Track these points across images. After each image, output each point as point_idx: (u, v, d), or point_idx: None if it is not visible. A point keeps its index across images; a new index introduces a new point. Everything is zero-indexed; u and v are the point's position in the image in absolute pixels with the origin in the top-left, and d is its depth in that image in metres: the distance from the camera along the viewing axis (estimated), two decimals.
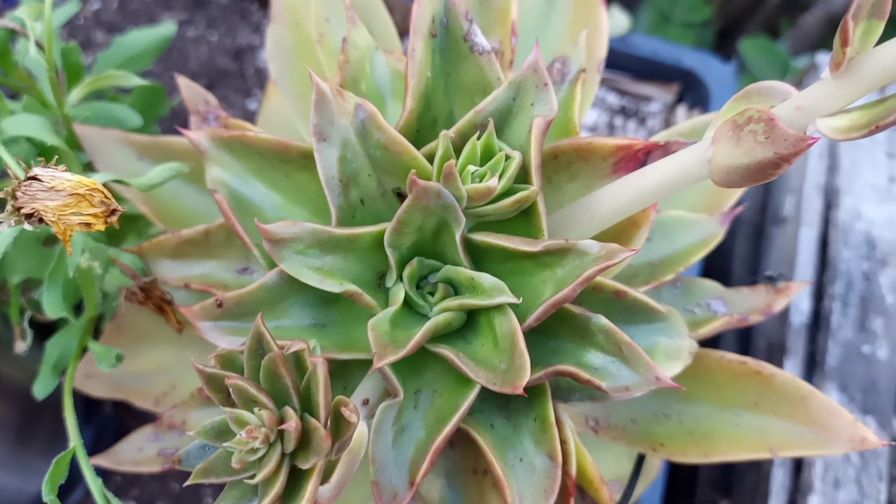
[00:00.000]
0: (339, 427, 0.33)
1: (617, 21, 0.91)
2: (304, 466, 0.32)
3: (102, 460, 0.51)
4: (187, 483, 0.32)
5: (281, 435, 0.32)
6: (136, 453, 0.51)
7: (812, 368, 0.82)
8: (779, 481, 0.81)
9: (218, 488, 0.87)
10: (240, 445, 0.32)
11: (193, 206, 0.53)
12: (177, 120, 0.89)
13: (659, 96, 0.93)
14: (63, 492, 0.81)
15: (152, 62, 0.78)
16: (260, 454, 0.32)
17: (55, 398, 0.57)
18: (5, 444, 0.70)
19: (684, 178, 0.39)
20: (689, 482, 0.94)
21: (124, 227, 0.60)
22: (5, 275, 0.57)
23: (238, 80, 0.96)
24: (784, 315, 0.86)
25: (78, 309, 0.52)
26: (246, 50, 0.98)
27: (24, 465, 0.74)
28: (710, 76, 0.89)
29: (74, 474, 0.79)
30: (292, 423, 0.31)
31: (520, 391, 0.36)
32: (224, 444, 0.32)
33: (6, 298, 0.62)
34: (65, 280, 0.48)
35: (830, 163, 0.90)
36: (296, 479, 0.32)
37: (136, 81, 0.54)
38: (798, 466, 0.81)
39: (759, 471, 0.85)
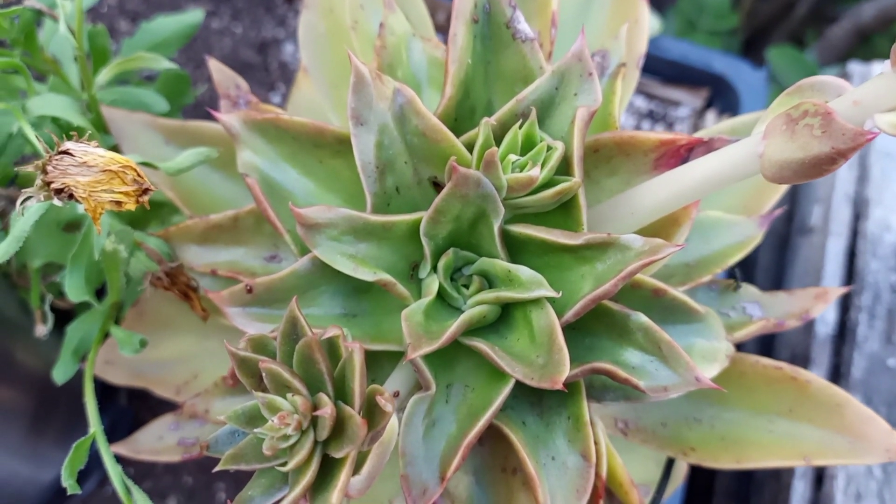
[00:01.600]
0: (374, 416, 0.32)
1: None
2: (338, 455, 0.31)
3: (121, 448, 0.51)
4: (217, 468, 0.31)
5: (314, 422, 0.31)
6: (156, 442, 0.50)
7: (836, 380, 0.81)
8: (799, 493, 0.79)
9: (231, 482, 0.86)
10: (271, 432, 0.31)
11: (221, 192, 0.52)
12: (200, 110, 0.88)
13: (688, 101, 0.91)
14: (76, 481, 0.81)
15: (177, 50, 0.77)
16: (292, 441, 0.31)
17: (70, 388, 0.56)
18: (19, 432, 0.70)
19: (732, 174, 0.38)
20: (705, 492, 0.93)
21: (148, 213, 0.59)
22: (26, 259, 0.56)
23: (262, 74, 0.95)
24: (809, 326, 0.85)
25: (100, 294, 0.52)
26: (270, 43, 0.97)
27: (37, 453, 0.73)
28: (740, 82, 0.88)
29: (87, 464, 0.79)
30: (327, 410, 0.30)
31: (559, 386, 0.35)
32: (255, 431, 0.31)
33: (25, 284, 0.61)
34: (88, 263, 0.47)
35: (860, 173, 0.88)
36: (328, 467, 0.31)
37: (166, 64, 0.53)
38: (819, 478, 0.79)
39: (778, 482, 0.83)
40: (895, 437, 0.47)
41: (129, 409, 0.83)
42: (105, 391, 0.79)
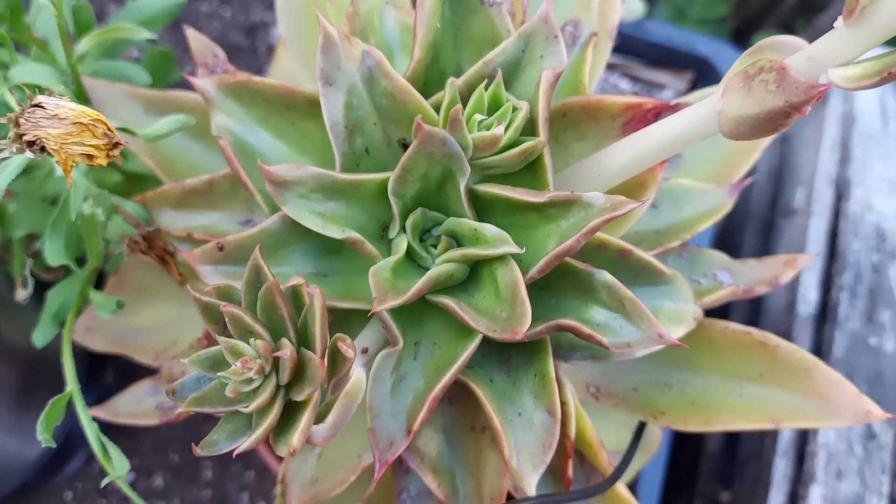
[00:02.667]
0: (336, 362, 0.32)
1: (631, 6, 0.90)
2: (299, 398, 0.31)
3: (100, 412, 0.51)
4: (179, 410, 0.31)
5: (276, 366, 0.32)
6: (135, 406, 0.51)
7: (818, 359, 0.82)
8: (781, 471, 0.80)
9: (217, 461, 0.87)
10: (234, 376, 0.31)
11: (199, 161, 0.53)
12: (186, 89, 0.89)
13: (672, 83, 0.92)
14: (61, 458, 0.82)
15: (163, 29, 0.78)
16: (255, 385, 0.31)
17: (54, 363, 0.56)
18: (5, 407, 0.70)
19: (693, 133, 0.39)
20: (690, 475, 0.94)
21: (130, 186, 0.60)
22: (10, 232, 0.57)
23: (250, 56, 0.96)
24: (791, 305, 0.85)
25: (81, 263, 0.52)
26: (259, 26, 0.98)
27: (22, 429, 0.74)
28: (724, 64, 0.88)
29: (73, 441, 0.79)
30: (287, 352, 0.30)
31: (520, 337, 0.36)
32: (219, 374, 0.32)
33: (8, 257, 0.62)
34: (68, 228, 0.48)
35: (843, 154, 0.89)
36: (290, 411, 0.32)
37: (146, 34, 0.54)
38: (800, 457, 0.80)
39: (760, 461, 0.84)
40: (863, 401, 0.48)
41: (116, 386, 0.84)
42: (91, 369, 0.80)
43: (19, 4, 0.57)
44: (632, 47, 0.92)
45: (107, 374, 0.83)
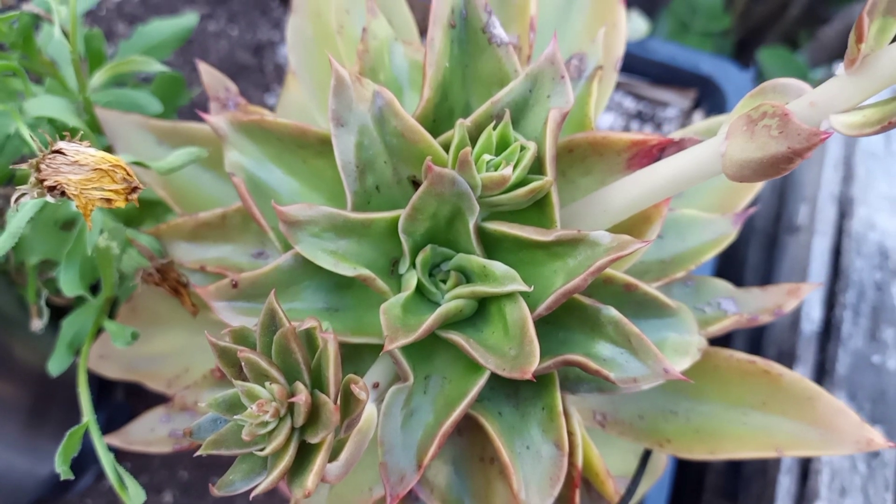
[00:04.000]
0: (349, 404, 0.33)
1: (635, 25, 0.91)
2: (314, 441, 0.32)
3: (114, 439, 0.52)
4: (198, 453, 0.32)
5: (291, 409, 0.32)
6: (148, 433, 0.52)
7: (821, 377, 0.82)
8: (785, 488, 0.80)
9: None
10: (250, 419, 0.32)
11: (211, 192, 0.53)
12: (196, 110, 0.90)
13: (676, 102, 0.93)
14: (72, 471, 0.82)
15: (173, 52, 0.79)
16: (270, 427, 0.32)
17: (67, 382, 0.57)
18: (17, 426, 0.71)
19: (697, 173, 0.40)
20: (694, 489, 0.95)
21: (142, 212, 0.61)
22: (24, 256, 0.57)
23: (257, 75, 0.97)
24: (795, 323, 0.86)
25: (94, 290, 0.53)
26: (266, 45, 0.99)
27: (35, 447, 0.74)
28: (727, 83, 0.89)
29: (84, 458, 0.80)
30: (302, 397, 0.31)
31: (528, 376, 0.37)
32: (235, 417, 0.32)
33: (22, 281, 0.63)
34: (83, 259, 0.49)
35: (846, 173, 0.90)
36: (305, 453, 0.33)
37: (158, 67, 0.54)
38: (804, 474, 0.81)
39: (765, 477, 0.85)
40: (865, 430, 0.49)
41: (126, 405, 0.85)
42: (102, 388, 0.80)
43: (31, 32, 0.58)
44: (636, 66, 0.93)
45: (117, 392, 0.84)
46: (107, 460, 0.43)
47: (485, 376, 0.40)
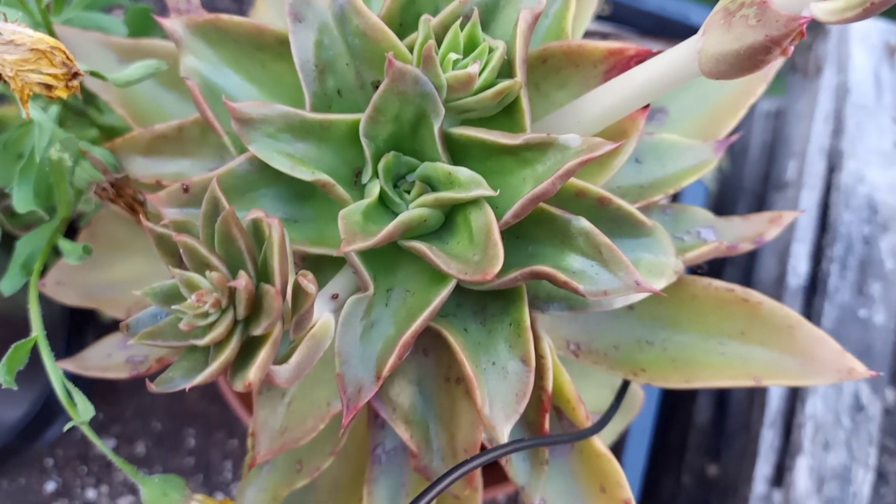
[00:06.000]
0: (298, 298, 0.31)
1: None
2: (257, 332, 0.30)
3: (69, 364, 0.50)
4: (131, 342, 0.30)
5: (233, 300, 0.31)
6: (104, 359, 0.50)
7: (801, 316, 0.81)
8: (768, 442, 0.79)
9: (201, 429, 0.86)
10: (190, 309, 0.30)
11: (173, 111, 0.51)
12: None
13: None
14: (41, 424, 0.81)
15: None
16: (211, 319, 0.30)
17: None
18: None
19: (674, 75, 0.38)
20: (677, 449, 0.93)
21: (106, 141, 0.59)
22: None
23: (226, 3, 0.95)
24: (781, 277, 0.84)
25: (52, 214, 0.51)
26: None
27: (1, 393, 0.73)
28: None
29: (52, 408, 0.78)
30: (242, 282, 0.29)
31: (490, 278, 0.35)
32: (174, 307, 0.31)
33: None
34: (36, 175, 0.47)
35: (836, 126, 0.88)
36: (249, 347, 0.31)
37: None
38: (788, 428, 0.79)
39: (748, 433, 0.83)
40: (846, 358, 0.47)
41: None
42: (72, 331, 0.78)
43: None
44: (625, 16, 0.91)
45: (87, 336, 0.82)
46: (54, 376, 0.41)
47: (448, 287, 0.39)
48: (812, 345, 0.47)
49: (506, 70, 0.40)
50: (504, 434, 0.39)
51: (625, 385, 0.50)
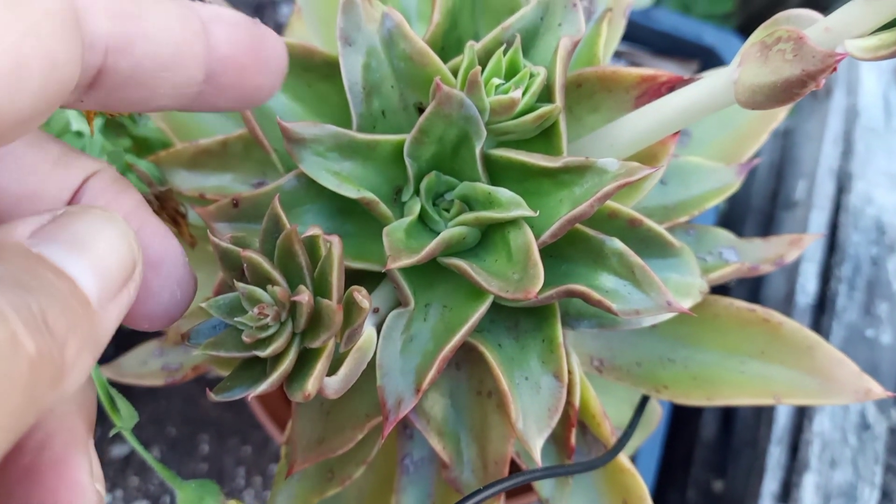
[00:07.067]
0: (351, 313, 0.33)
1: None
2: (315, 345, 0.32)
3: (105, 371, 0.51)
4: (197, 352, 0.32)
5: (292, 315, 0.32)
6: (140, 367, 0.51)
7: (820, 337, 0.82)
8: (775, 459, 0.80)
9: (215, 434, 0.87)
10: (251, 322, 0.31)
11: (212, 126, 0.53)
12: None
13: (677, 72, 0.92)
14: None
15: None
16: (271, 331, 0.32)
17: None
18: None
19: (708, 103, 0.39)
20: (683, 463, 0.94)
21: (139, 151, 0.60)
22: None
23: None
24: (790, 295, 0.86)
25: None
26: (267, 4, 0.98)
27: None
28: (730, 54, 0.89)
29: None
30: (304, 297, 0.31)
31: (532, 296, 0.36)
32: (235, 320, 0.32)
33: None
34: None
35: (845, 148, 0.90)
36: (305, 359, 0.32)
37: None
38: (795, 445, 0.81)
39: (755, 449, 0.85)
40: (864, 380, 0.48)
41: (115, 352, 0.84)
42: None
43: None
44: (639, 35, 0.93)
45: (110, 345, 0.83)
46: (98, 382, 0.42)
47: (486, 303, 0.40)
48: (831, 365, 0.49)
49: (544, 94, 0.41)
50: (537, 447, 0.40)
51: (643, 401, 0.52)
